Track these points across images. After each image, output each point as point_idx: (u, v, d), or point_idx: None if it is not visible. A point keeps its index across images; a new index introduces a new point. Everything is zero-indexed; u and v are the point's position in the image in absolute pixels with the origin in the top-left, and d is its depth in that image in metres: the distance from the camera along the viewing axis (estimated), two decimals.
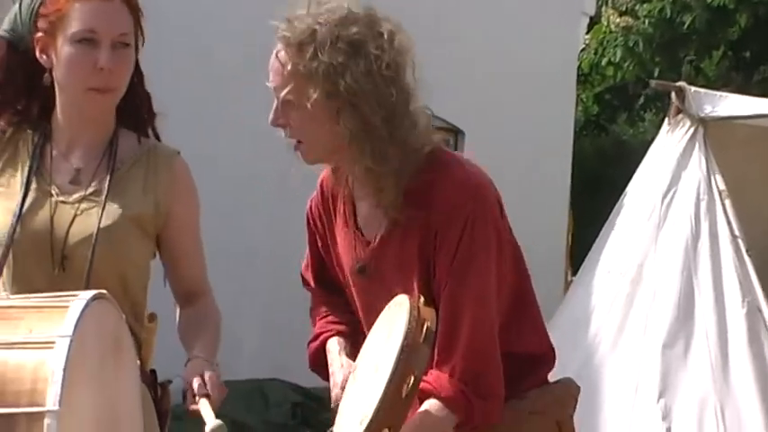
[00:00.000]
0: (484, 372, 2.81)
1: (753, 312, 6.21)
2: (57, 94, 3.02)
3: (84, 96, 2.96)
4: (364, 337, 2.96)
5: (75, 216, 2.96)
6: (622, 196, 6.85)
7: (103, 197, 2.97)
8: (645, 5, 14.78)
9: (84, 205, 2.97)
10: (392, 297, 2.81)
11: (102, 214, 2.95)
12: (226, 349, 3.15)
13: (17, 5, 3.05)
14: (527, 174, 11.48)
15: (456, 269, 2.80)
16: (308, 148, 2.88)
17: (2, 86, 3.04)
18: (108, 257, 2.95)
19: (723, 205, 6.39)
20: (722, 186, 6.43)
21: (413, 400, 2.71)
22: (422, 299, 2.77)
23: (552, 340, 3.06)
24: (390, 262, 2.90)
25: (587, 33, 14.24)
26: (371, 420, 2.63)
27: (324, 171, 3.05)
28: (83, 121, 3.02)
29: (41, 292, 2.75)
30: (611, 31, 14.93)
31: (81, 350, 2.50)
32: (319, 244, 3.11)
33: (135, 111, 3.08)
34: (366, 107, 2.77)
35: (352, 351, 3.03)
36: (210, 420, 2.71)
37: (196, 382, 2.83)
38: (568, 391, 3.04)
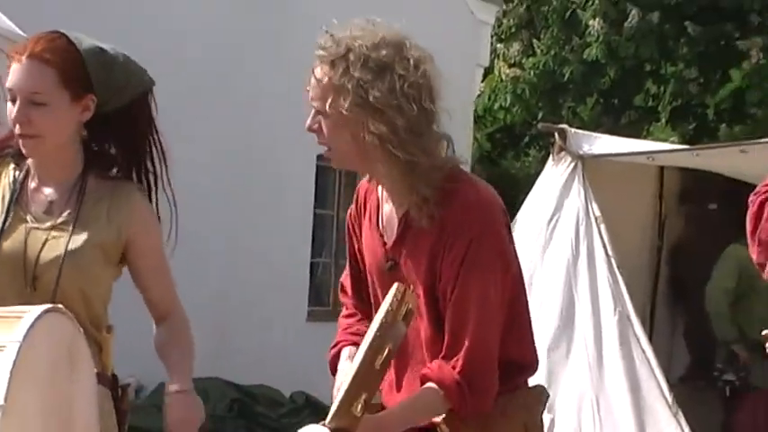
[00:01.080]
0: (481, 372, 2.75)
1: (623, 320, 6.26)
2: None
3: (19, 141, 2.95)
4: None
5: (47, 241, 2.93)
6: (513, 222, 6.86)
7: (71, 227, 2.94)
8: (530, 59, 14.96)
9: (54, 232, 2.94)
10: None
11: (68, 241, 2.92)
12: None
13: None
14: None
15: (462, 279, 2.74)
16: (336, 154, 2.83)
17: None
18: (73, 278, 2.91)
19: (599, 229, 6.42)
20: (598, 213, 6.46)
21: (386, 370, 2.70)
22: (411, 287, 2.74)
23: None
24: (404, 262, 2.84)
25: (482, 82, 14.34)
26: (348, 386, 2.64)
27: (364, 179, 2.98)
28: (43, 162, 3.00)
29: None
30: (501, 80, 15.05)
31: (31, 354, 2.48)
32: (356, 248, 3.02)
33: (108, 156, 3.05)
34: (391, 114, 2.72)
35: None
36: None
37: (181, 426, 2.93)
38: (538, 398, 2.94)
